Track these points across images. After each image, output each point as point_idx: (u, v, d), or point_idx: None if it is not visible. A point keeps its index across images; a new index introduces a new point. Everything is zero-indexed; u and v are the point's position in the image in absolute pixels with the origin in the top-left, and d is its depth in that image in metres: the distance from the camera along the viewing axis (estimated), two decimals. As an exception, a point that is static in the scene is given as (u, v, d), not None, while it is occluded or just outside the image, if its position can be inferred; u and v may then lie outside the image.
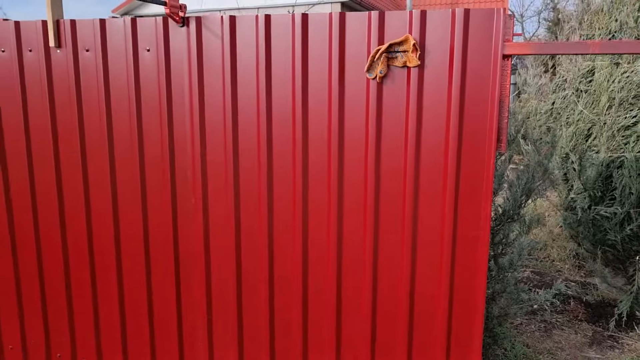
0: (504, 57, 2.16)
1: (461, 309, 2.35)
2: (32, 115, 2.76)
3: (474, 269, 2.29)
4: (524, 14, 43.20)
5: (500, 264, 3.16)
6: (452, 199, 2.25)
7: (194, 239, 2.63)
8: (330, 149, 2.37)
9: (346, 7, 11.97)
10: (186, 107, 2.54)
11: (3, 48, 2.74)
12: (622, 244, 4.07)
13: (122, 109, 2.63)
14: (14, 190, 2.86)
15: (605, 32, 5.14)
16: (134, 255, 2.73)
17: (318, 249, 2.46)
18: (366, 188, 2.35)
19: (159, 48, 2.53)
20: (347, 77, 2.31)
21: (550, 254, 5.78)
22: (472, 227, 2.25)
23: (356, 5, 12.24)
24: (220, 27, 2.43)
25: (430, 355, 2.41)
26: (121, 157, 2.67)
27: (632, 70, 3.99)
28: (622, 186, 3.95)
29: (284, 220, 2.49)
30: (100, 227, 2.75)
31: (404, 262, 2.36)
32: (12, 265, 2.92)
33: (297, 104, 2.37)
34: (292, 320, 2.56)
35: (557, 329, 4.11)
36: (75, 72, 2.66)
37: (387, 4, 15.50)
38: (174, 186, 2.62)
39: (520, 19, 34.82)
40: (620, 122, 4.00)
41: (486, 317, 3.26)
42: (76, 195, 2.76)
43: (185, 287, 2.69)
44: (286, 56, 2.37)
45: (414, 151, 2.27)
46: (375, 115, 2.29)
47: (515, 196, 3.07)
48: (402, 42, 2.19)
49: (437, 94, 2.24)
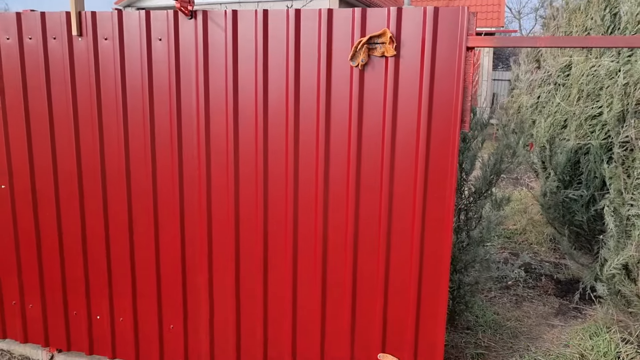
0: (467, 49, 2.52)
1: (431, 258, 2.71)
2: (55, 95, 3.11)
3: (442, 220, 2.65)
4: (522, 11, 43.52)
5: (472, 237, 3.53)
6: (423, 167, 2.61)
7: (197, 203, 2.99)
8: (318, 126, 2.73)
9: (344, 3, 12.27)
10: (193, 89, 2.89)
11: (30, 36, 3.09)
12: (588, 224, 4.44)
13: (136, 91, 2.98)
14: (37, 166, 3.22)
15: (582, 29, 5.50)
16: (144, 210, 3.09)
17: (307, 207, 2.82)
18: (349, 157, 2.71)
19: (170, 38, 2.88)
20: (334, 64, 2.67)
21: (529, 237, 6.17)
22: (440, 190, 2.62)
23: (354, 0, 12.54)
24: (224, 20, 2.78)
25: (405, 298, 2.78)
26: (134, 133, 3.02)
27: (599, 64, 4.36)
28: (588, 171, 4.32)
29: (278, 184, 2.85)
30: (115, 190, 3.11)
31: (382, 217, 2.72)
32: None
33: (290, 85, 2.72)
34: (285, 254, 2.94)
35: (527, 301, 4.50)
36: (94, 58, 3.01)
37: (385, 1, 15.82)
38: (181, 157, 2.97)
39: (517, 15, 35.17)
40: (588, 112, 4.37)
41: (458, 285, 3.63)
42: (93, 169, 3.12)
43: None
44: (281, 45, 2.72)
45: (390, 127, 2.63)
46: (358, 97, 2.65)
47: (486, 175, 3.43)
48: (381, 35, 2.55)
49: (411, 80, 2.60)
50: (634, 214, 3.24)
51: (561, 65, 5.67)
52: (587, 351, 3.52)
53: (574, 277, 4.97)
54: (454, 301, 3.67)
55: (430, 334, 2.80)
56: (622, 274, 3.36)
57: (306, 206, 2.84)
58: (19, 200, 3.30)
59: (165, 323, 3.21)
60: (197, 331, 3.16)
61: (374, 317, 2.85)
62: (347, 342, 2.91)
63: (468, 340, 3.70)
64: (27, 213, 3.30)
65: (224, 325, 3.10)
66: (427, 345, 2.82)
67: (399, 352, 2.87)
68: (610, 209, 3.43)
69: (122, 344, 3.32)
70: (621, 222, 3.40)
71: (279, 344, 3.03)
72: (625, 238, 3.35)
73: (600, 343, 3.53)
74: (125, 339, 3.31)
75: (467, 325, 3.89)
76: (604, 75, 4.19)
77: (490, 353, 3.57)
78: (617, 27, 4.28)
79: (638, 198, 3.21)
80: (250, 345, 3.09)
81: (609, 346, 3.48)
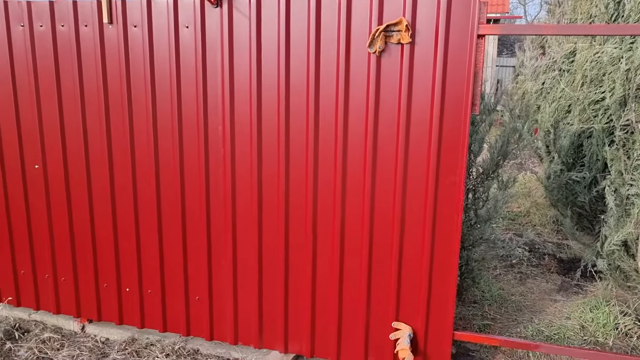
0: (478, 36, 2.69)
1: (442, 233, 2.90)
2: (86, 80, 3.29)
3: (453, 196, 2.84)
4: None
5: (479, 215, 3.72)
6: (436, 147, 2.80)
7: (222, 182, 3.19)
8: (337, 108, 2.91)
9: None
10: (218, 74, 3.07)
11: (62, 23, 3.26)
12: (590, 205, 4.63)
13: (164, 76, 3.16)
14: (69, 146, 3.41)
15: (587, 17, 5.63)
16: (171, 187, 3.29)
17: (325, 184, 3.01)
18: (366, 139, 2.90)
19: (197, 25, 3.05)
20: (352, 51, 2.84)
21: (532, 219, 6.36)
22: (451, 167, 2.81)
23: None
24: (248, 7, 2.95)
25: (418, 270, 2.98)
26: (162, 115, 3.21)
27: (602, 51, 4.51)
28: (590, 154, 4.50)
29: (298, 164, 3.04)
30: (143, 170, 3.31)
31: (396, 194, 2.91)
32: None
33: (311, 69, 2.90)
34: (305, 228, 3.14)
35: (530, 278, 4.71)
36: (124, 45, 3.18)
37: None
38: (207, 139, 3.16)
39: (522, 1, 35.02)
40: (591, 97, 4.53)
41: (466, 262, 3.83)
42: (123, 149, 3.31)
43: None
44: (303, 32, 2.89)
45: (405, 110, 2.81)
46: (375, 82, 2.82)
47: (493, 156, 3.62)
48: (397, 23, 2.72)
49: (425, 66, 2.77)
50: (634, 194, 3.42)
51: (566, 52, 5.81)
52: (588, 323, 3.73)
53: (575, 257, 5.17)
54: (461, 277, 3.88)
55: (441, 305, 3.00)
56: (622, 250, 3.56)
57: (325, 190, 3.02)
58: (52, 179, 3.50)
59: (192, 295, 3.42)
60: (222, 301, 3.37)
61: (388, 287, 3.06)
62: (363, 311, 3.11)
63: (475, 313, 3.92)
64: (60, 191, 3.50)
65: (248, 295, 3.31)
66: (439, 315, 3.02)
67: (412, 321, 3.07)
68: (611, 189, 3.62)
69: (151, 314, 3.54)
70: (621, 202, 3.58)
71: (299, 314, 3.24)
72: (625, 216, 3.54)
73: (600, 316, 3.74)
74: (153, 309, 3.53)
75: (473, 300, 4.10)
76: (607, 62, 4.34)
77: (495, 324, 3.79)
78: (620, 14, 4.42)
79: (637, 178, 3.39)
80: (271, 314, 3.30)
81: (608, 318, 3.69)
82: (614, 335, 3.60)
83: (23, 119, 3.47)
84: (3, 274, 3.80)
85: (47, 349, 3.52)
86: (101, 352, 3.52)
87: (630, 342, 3.57)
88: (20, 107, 3.46)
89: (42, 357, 3.44)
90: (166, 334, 3.59)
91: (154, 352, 3.45)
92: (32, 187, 3.57)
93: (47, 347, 3.54)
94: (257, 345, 3.38)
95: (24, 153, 3.53)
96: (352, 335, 3.17)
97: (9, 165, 3.58)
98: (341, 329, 3.19)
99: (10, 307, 3.90)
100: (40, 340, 3.60)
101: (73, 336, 3.71)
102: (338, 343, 3.21)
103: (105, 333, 3.70)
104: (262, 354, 3.40)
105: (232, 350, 3.45)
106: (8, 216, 3.67)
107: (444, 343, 3.04)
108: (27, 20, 3.31)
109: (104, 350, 3.55)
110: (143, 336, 3.61)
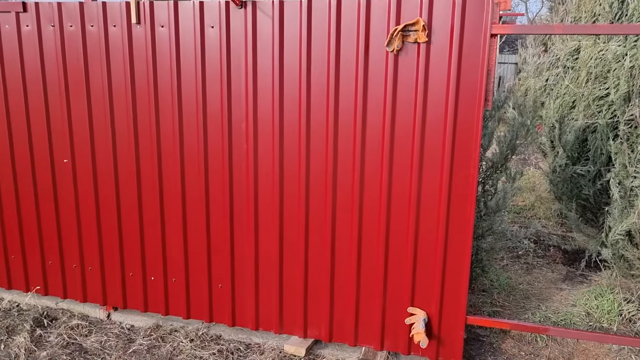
0: (491, 36, 2.84)
1: (457, 221, 3.06)
2: (114, 77, 3.45)
3: (467, 186, 3.00)
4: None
5: (489, 207, 3.88)
6: (450, 142, 2.95)
7: (244, 175, 3.34)
8: (356, 107, 3.07)
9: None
10: (242, 72, 3.22)
11: (92, 24, 3.42)
12: (594, 197, 4.79)
13: (190, 74, 3.31)
14: (97, 142, 3.57)
15: (591, 15, 5.78)
16: (195, 182, 3.45)
17: (345, 176, 3.17)
18: (383, 134, 3.05)
19: (222, 25, 3.20)
20: (371, 49, 2.99)
21: (537, 213, 6.52)
22: (465, 165, 2.96)
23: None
24: (272, 9, 3.10)
25: (432, 258, 3.14)
26: (188, 112, 3.36)
27: (606, 49, 4.66)
28: (595, 148, 4.65)
29: (319, 158, 3.19)
30: (169, 165, 3.47)
31: (412, 186, 3.07)
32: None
33: (331, 67, 3.05)
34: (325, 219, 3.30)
35: (537, 268, 4.87)
36: (152, 44, 3.34)
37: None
38: (231, 135, 3.32)
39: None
40: (596, 93, 4.68)
41: (476, 251, 3.99)
42: (149, 144, 3.47)
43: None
44: (323, 31, 3.04)
45: (422, 106, 2.97)
46: (392, 79, 2.98)
47: (502, 150, 3.77)
48: (414, 23, 2.87)
49: (440, 64, 2.92)
50: (637, 185, 3.58)
51: (570, 49, 5.96)
52: (593, 310, 3.90)
53: (580, 248, 5.33)
54: (471, 266, 4.04)
55: (454, 291, 3.16)
56: (626, 239, 3.72)
57: (344, 179, 3.18)
58: (80, 172, 3.66)
59: (215, 283, 3.59)
60: (244, 288, 3.53)
61: (404, 274, 3.21)
62: (380, 297, 3.27)
63: (484, 301, 4.08)
64: (87, 184, 3.66)
65: (269, 283, 3.47)
66: (452, 301, 3.18)
67: (426, 306, 3.23)
68: (616, 181, 3.77)
69: (175, 302, 3.71)
70: (625, 193, 3.74)
71: (318, 300, 3.40)
72: (629, 207, 3.70)
73: (605, 303, 3.91)
74: (177, 297, 3.69)
75: (483, 288, 4.27)
76: (612, 59, 4.49)
77: (504, 311, 3.95)
78: (624, 13, 4.57)
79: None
80: (291, 300, 3.46)
81: (612, 305, 3.85)
82: (618, 321, 3.77)
83: (53, 115, 3.63)
84: (32, 264, 3.97)
85: (76, 335, 3.69)
86: (127, 338, 3.69)
87: (633, 327, 3.73)
88: (50, 104, 3.61)
89: (72, 343, 3.61)
90: (189, 320, 3.76)
91: (178, 338, 3.62)
92: (61, 181, 3.73)
93: (75, 334, 3.71)
94: (277, 331, 3.54)
95: (53, 148, 3.69)
96: (369, 320, 3.34)
97: (38, 160, 3.74)
98: (358, 315, 3.35)
99: (38, 296, 4.07)
100: (69, 327, 3.77)
101: (99, 323, 3.88)
102: (355, 328, 3.38)
103: (130, 320, 3.87)
104: (282, 339, 3.56)
105: (253, 336, 3.62)
106: (37, 209, 3.83)
107: (457, 327, 3.20)
108: (57, 21, 3.46)
109: (130, 336, 3.72)
110: (167, 323, 3.78)
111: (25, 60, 3.60)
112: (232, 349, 3.50)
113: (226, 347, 3.52)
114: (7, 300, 4.10)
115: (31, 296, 4.06)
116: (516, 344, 3.61)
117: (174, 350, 3.49)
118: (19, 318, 3.89)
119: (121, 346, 3.56)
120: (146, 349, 3.52)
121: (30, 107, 3.66)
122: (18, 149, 3.76)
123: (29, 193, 3.82)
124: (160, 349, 3.51)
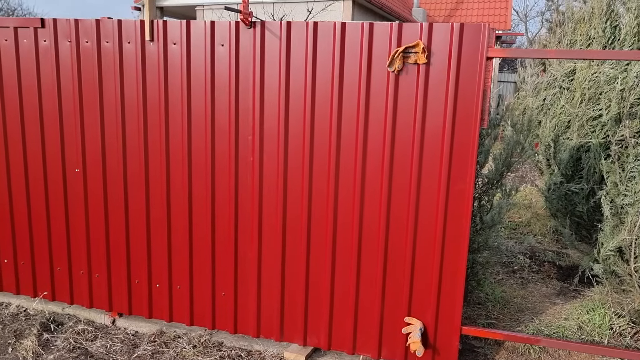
0: (487, 58, 3.00)
1: (453, 234, 3.19)
2: (127, 91, 3.60)
3: (462, 199, 3.14)
4: (528, 14, 43.98)
5: (484, 221, 4.01)
6: (447, 158, 3.10)
7: (249, 187, 3.48)
8: (358, 123, 3.22)
9: (357, 5, 12.73)
10: (250, 88, 3.38)
11: (107, 40, 3.58)
12: (588, 214, 4.93)
13: (199, 89, 3.47)
14: (108, 151, 3.71)
15: (586, 38, 5.97)
16: (203, 192, 3.58)
17: (346, 190, 3.31)
18: (384, 149, 3.20)
19: (231, 44, 3.36)
20: (373, 70, 3.15)
21: (533, 229, 6.65)
22: (460, 180, 3.10)
23: (367, 4, 12.99)
24: (279, 29, 3.27)
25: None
26: (196, 125, 3.51)
27: (600, 71, 4.84)
28: (588, 166, 4.81)
29: (321, 171, 3.33)
30: (177, 174, 3.60)
31: (410, 200, 3.21)
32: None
33: (335, 85, 3.21)
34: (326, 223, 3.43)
35: (531, 283, 4.99)
36: (164, 60, 3.50)
37: (396, 2, 16.29)
38: (237, 148, 3.46)
39: (524, 18, 35.59)
40: (589, 113, 4.85)
41: (472, 265, 4.12)
42: (159, 156, 3.61)
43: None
44: (328, 51, 3.20)
45: (420, 123, 3.12)
46: (393, 97, 3.13)
47: (498, 167, 3.92)
48: (415, 45, 3.04)
49: (439, 84, 3.08)
50: (627, 203, 3.72)
51: (566, 71, 6.15)
52: (585, 324, 4.01)
53: (574, 264, 5.45)
54: (467, 279, 4.15)
55: (450, 302, 3.28)
56: (616, 255, 3.84)
57: (345, 192, 3.32)
58: (91, 182, 3.79)
59: (218, 291, 3.70)
60: (246, 296, 3.65)
61: (402, 285, 3.34)
62: (378, 307, 3.39)
63: (479, 313, 4.19)
64: (97, 194, 3.79)
65: (271, 292, 3.59)
66: (448, 311, 3.30)
67: (423, 317, 3.35)
68: (607, 199, 3.91)
69: (179, 309, 3.82)
70: (616, 211, 3.88)
71: (318, 309, 3.52)
72: (620, 224, 3.83)
73: (596, 317, 4.02)
74: (181, 304, 3.80)
75: (478, 301, 4.38)
76: (604, 82, 4.67)
77: (499, 323, 4.06)
78: (617, 38, 4.75)
79: (631, 189, 3.68)
80: (292, 309, 3.58)
81: (603, 319, 3.96)
82: (609, 335, 3.88)
83: (66, 127, 3.77)
84: (41, 270, 4.08)
85: (82, 340, 3.79)
86: (132, 344, 3.79)
87: (624, 341, 3.85)
88: (65, 116, 3.76)
89: (78, 347, 3.71)
90: (192, 327, 3.86)
91: (181, 344, 3.72)
92: (72, 190, 3.86)
93: (81, 338, 3.81)
94: (277, 339, 3.65)
95: (65, 158, 3.83)
96: (367, 329, 3.45)
97: (50, 169, 3.87)
98: (357, 324, 3.47)
99: (45, 302, 4.17)
100: (75, 332, 3.87)
101: (104, 329, 3.98)
102: (354, 336, 3.49)
103: (135, 326, 3.97)
104: (282, 347, 3.67)
105: (254, 343, 3.72)
106: (48, 217, 3.96)
107: (452, 337, 3.32)
108: (74, 37, 3.62)
109: (135, 341, 3.82)
110: (170, 329, 3.88)
111: (41, 73, 3.75)
112: (233, 356, 3.60)
113: (228, 353, 3.62)
114: (14, 305, 4.21)
115: (38, 301, 4.17)
116: (510, 355, 3.71)
117: (177, 356, 3.59)
118: (27, 322, 3.99)
119: (126, 351, 3.67)
120: (150, 355, 3.62)
121: (44, 118, 3.81)
122: (31, 157, 3.90)
123: (40, 201, 3.95)
124: (164, 354, 3.61)
